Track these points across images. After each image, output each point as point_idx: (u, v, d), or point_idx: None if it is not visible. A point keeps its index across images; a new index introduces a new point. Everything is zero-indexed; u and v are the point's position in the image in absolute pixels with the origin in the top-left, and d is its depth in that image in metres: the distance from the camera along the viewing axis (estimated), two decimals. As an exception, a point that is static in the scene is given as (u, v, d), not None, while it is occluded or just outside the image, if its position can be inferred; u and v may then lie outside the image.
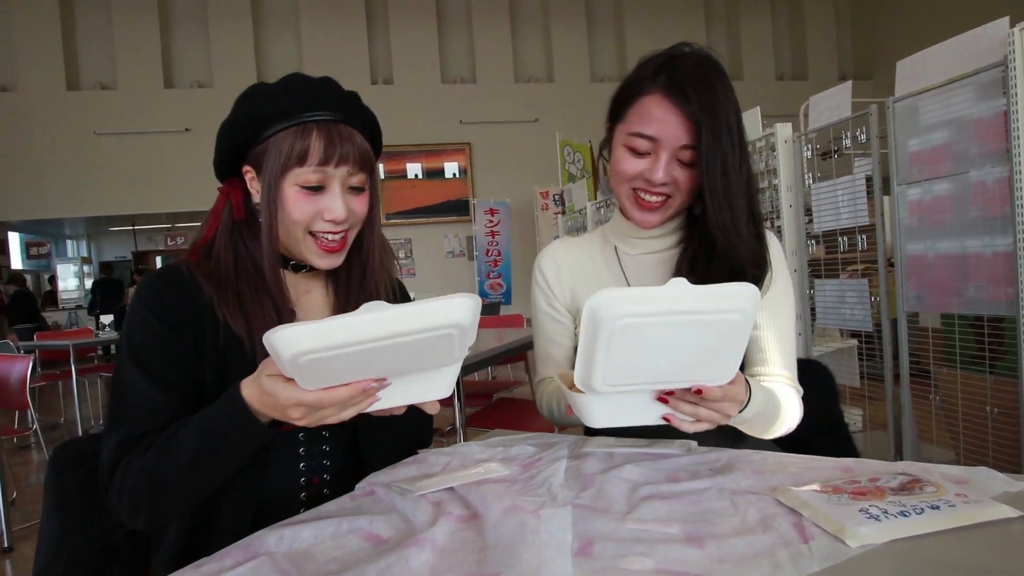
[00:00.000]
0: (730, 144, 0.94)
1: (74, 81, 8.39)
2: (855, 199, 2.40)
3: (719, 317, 0.67)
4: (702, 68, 0.95)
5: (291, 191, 0.86)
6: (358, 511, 0.73)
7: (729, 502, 0.68)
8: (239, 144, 0.89)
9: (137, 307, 0.84)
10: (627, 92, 1.01)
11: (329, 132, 0.86)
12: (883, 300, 2.37)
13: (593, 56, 9.56)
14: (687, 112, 0.93)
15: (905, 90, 2.13)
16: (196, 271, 0.88)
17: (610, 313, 0.65)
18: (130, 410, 0.79)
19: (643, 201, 1.02)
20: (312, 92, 0.88)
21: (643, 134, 0.97)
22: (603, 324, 0.66)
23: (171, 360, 0.82)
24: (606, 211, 4.71)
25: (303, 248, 0.89)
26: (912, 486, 0.66)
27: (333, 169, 0.86)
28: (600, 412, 0.77)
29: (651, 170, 0.98)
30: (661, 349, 0.69)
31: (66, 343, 4.72)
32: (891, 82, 2.21)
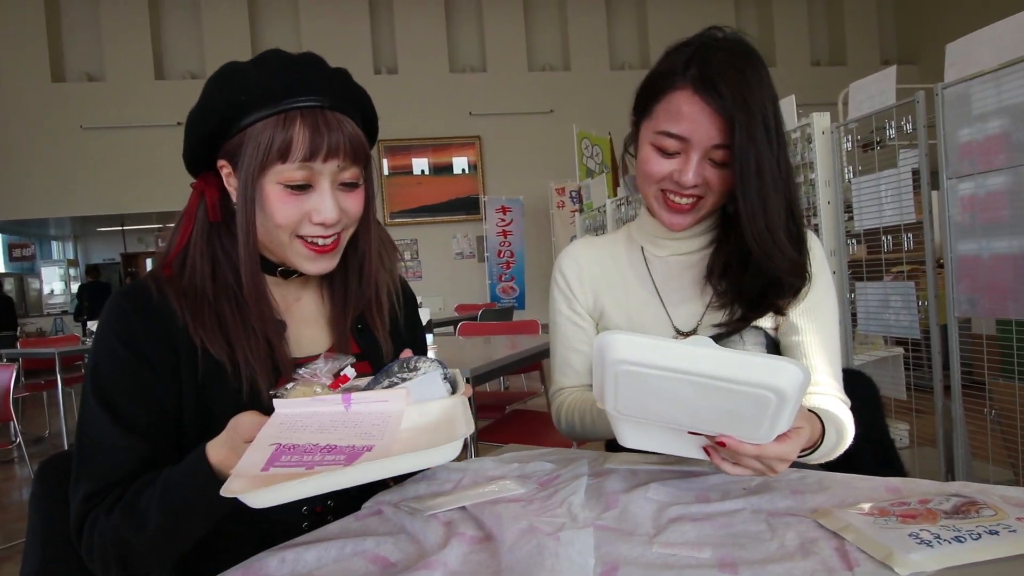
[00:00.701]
0: (766, 141, 0.93)
1: (59, 72, 8.54)
2: (900, 194, 2.37)
3: (745, 389, 0.64)
4: (735, 57, 0.94)
5: (273, 191, 0.80)
6: (364, 532, 0.73)
7: (765, 525, 0.67)
8: (211, 134, 0.83)
9: (103, 334, 0.81)
10: (654, 86, 1.00)
11: (315, 120, 0.80)
12: (932, 304, 2.34)
13: (613, 42, 9.57)
14: (719, 108, 0.92)
15: (955, 75, 2.10)
16: (167, 287, 0.84)
17: (613, 356, 0.66)
18: (94, 458, 0.77)
19: (672, 203, 1.02)
20: (294, 72, 0.82)
21: (672, 133, 0.96)
22: (607, 365, 0.67)
23: (140, 398, 0.79)
24: (627, 209, 4.70)
25: (289, 253, 0.85)
26: (967, 509, 0.65)
27: (321, 164, 0.81)
28: (630, 433, 0.77)
29: (681, 171, 0.97)
30: (675, 401, 0.68)
31: (51, 351, 4.78)
32: (938, 67, 2.19)
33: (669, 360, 0.64)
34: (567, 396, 1.15)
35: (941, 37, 2.66)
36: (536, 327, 3.81)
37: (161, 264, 0.88)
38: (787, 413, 0.65)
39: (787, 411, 0.65)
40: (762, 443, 0.69)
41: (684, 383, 0.65)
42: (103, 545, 0.74)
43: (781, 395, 0.63)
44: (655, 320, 1.10)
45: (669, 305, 1.10)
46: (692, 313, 1.08)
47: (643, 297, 1.11)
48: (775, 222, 0.95)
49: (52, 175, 8.36)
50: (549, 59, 9.53)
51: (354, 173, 0.85)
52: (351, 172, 0.85)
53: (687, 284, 1.10)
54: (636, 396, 0.70)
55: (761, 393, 0.63)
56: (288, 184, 0.81)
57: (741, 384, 0.63)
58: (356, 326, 0.96)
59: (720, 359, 0.64)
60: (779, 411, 0.65)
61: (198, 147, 0.86)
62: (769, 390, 0.63)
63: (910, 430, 2.61)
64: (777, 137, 0.95)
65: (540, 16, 9.53)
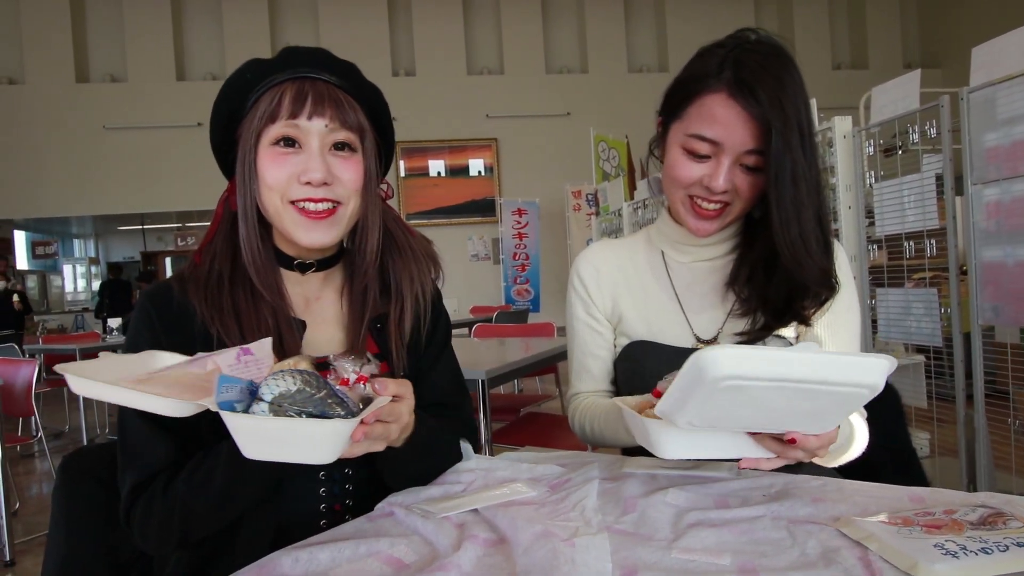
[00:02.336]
0: (800, 148, 0.91)
1: (83, 73, 8.68)
2: (924, 200, 2.34)
3: (845, 390, 0.65)
4: (770, 60, 0.92)
5: (265, 154, 0.84)
6: (377, 533, 0.73)
7: (786, 532, 0.66)
8: (226, 122, 0.88)
9: (131, 336, 0.86)
10: (686, 88, 0.98)
11: (302, 85, 0.84)
12: (955, 312, 2.31)
13: (630, 45, 9.54)
14: (755, 114, 0.90)
15: (981, 79, 2.07)
16: (190, 283, 0.87)
17: (717, 374, 0.62)
18: (135, 452, 0.81)
19: (700, 209, 1.00)
20: (296, 53, 0.87)
21: (704, 137, 0.94)
22: (707, 382, 0.63)
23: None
24: (644, 212, 4.68)
25: (286, 222, 0.85)
26: (994, 520, 0.64)
27: (307, 122, 0.83)
28: (676, 443, 0.74)
29: (711, 176, 0.95)
30: (761, 407, 0.67)
31: (72, 347, 4.86)
32: (961, 70, 2.16)
33: (776, 370, 0.63)
34: (582, 401, 1.14)
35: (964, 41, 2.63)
36: (551, 330, 3.80)
37: (193, 256, 0.91)
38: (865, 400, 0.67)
39: (867, 399, 0.67)
40: (823, 433, 0.72)
41: (779, 390, 0.64)
42: (166, 518, 0.77)
43: (874, 389, 0.65)
44: (675, 327, 1.08)
45: (689, 312, 1.08)
46: (713, 320, 1.07)
47: (663, 303, 1.10)
48: (808, 230, 0.94)
49: (74, 174, 8.49)
50: (566, 61, 9.53)
51: (347, 137, 0.86)
52: (343, 135, 0.86)
53: (708, 291, 1.08)
54: (724, 408, 0.67)
55: (854, 391, 0.65)
56: (276, 141, 0.83)
57: (836, 385, 0.64)
58: (375, 325, 0.95)
59: (818, 363, 0.64)
60: (863, 401, 0.67)
61: (219, 131, 0.90)
62: (864, 387, 0.64)
63: (930, 439, 2.57)
64: (810, 142, 0.94)
65: (558, 19, 9.53)
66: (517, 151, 9.17)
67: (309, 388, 0.63)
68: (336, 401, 0.65)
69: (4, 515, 2.82)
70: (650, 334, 1.09)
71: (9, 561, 2.82)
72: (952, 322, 2.32)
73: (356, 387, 0.70)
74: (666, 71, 9.22)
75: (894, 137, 2.50)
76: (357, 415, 0.66)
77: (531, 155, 9.09)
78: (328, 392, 0.64)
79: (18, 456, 4.77)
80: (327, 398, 0.64)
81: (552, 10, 9.50)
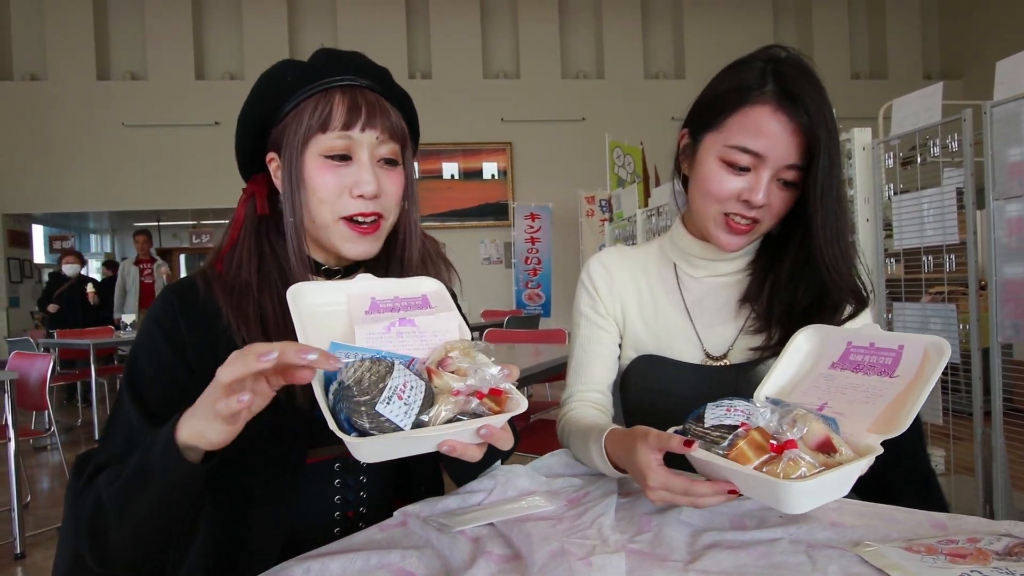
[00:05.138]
0: (839, 167, 0.91)
1: (104, 71, 8.77)
2: (944, 214, 2.31)
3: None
4: (810, 76, 0.91)
5: (314, 164, 0.83)
6: (389, 544, 0.72)
7: (805, 556, 0.65)
8: (259, 123, 0.87)
9: (147, 326, 0.83)
10: (726, 99, 0.95)
11: (353, 94, 0.83)
12: (973, 328, 2.27)
13: (647, 51, 9.51)
14: (802, 126, 0.89)
15: (1006, 93, 2.04)
16: (215, 284, 0.85)
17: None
18: (114, 440, 0.78)
19: (734, 223, 0.98)
20: (336, 58, 0.86)
21: (748, 148, 0.92)
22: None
23: (171, 394, 0.78)
24: (658, 219, 4.66)
25: (333, 235, 0.85)
26: (1020, 551, 0.62)
27: (359, 134, 0.82)
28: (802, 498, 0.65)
29: (751, 190, 0.93)
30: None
31: (86, 342, 4.89)
32: (982, 82, 2.14)
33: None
34: (570, 411, 1.09)
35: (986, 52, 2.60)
36: (562, 336, 3.79)
37: (212, 261, 0.89)
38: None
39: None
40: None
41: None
42: (85, 512, 0.72)
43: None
44: (685, 343, 1.06)
45: (700, 328, 1.06)
46: (724, 337, 1.05)
47: (673, 318, 1.08)
48: (847, 248, 0.94)
49: (93, 170, 8.58)
50: (583, 67, 9.51)
51: (393, 150, 0.86)
52: (390, 148, 0.86)
53: (720, 306, 1.06)
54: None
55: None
56: (328, 155, 0.82)
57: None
58: None
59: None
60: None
61: (248, 135, 0.89)
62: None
63: (946, 457, 2.53)
64: (840, 162, 0.94)
65: (575, 24, 9.52)
66: (531, 155, 9.16)
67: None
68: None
69: (16, 508, 2.85)
70: (658, 348, 1.07)
71: (20, 554, 2.84)
72: (971, 338, 2.28)
73: (470, 400, 0.65)
74: (683, 78, 9.19)
75: (913, 149, 2.47)
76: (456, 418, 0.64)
77: (545, 159, 9.08)
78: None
79: (31, 449, 4.81)
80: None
81: (569, 15, 9.49)
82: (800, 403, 0.74)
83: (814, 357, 0.84)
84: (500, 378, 0.66)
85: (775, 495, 0.64)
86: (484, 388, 0.65)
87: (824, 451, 0.67)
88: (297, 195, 0.84)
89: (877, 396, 0.73)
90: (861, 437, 0.69)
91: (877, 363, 0.77)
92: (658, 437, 0.72)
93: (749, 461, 0.65)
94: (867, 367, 0.77)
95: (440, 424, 0.62)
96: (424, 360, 0.69)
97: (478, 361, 0.68)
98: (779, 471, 0.63)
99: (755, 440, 0.67)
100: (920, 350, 0.75)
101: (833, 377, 0.79)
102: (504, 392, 0.66)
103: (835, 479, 0.64)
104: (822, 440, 0.67)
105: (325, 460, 0.88)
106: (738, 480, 0.67)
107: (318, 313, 0.73)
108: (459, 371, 0.67)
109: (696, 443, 0.68)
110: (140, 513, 0.69)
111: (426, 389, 0.63)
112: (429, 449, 0.64)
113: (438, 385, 0.65)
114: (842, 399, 0.75)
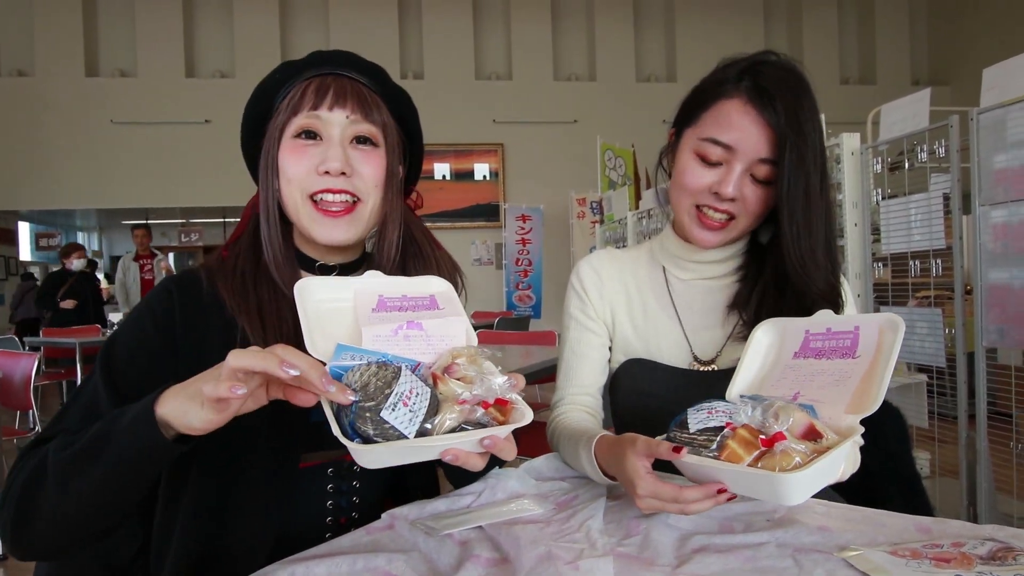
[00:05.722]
0: (814, 166, 0.91)
1: (93, 67, 8.69)
2: (931, 219, 2.33)
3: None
4: (790, 77, 0.93)
5: (286, 146, 0.83)
6: (375, 547, 0.72)
7: (792, 560, 0.65)
8: (258, 122, 0.88)
9: (139, 309, 0.83)
10: (703, 95, 0.98)
11: (326, 78, 0.84)
12: (959, 332, 2.29)
13: (639, 54, 9.54)
14: (772, 123, 0.90)
15: (992, 100, 2.07)
16: (218, 275, 0.85)
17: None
18: (71, 412, 0.75)
19: (705, 218, 0.99)
20: (326, 56, 0.88)
21: (718, 140, 0.94)
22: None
23: (144, 373, 0.76)
24: (648, 222, 4.67)
25: (304, 218, 0.84)
26: (1004, 555, 0.63)
27: (328, 113, 0.82)
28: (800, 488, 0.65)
29: (721, 182, 0.95)
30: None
31: (72, 341, 4.84)
32: (970, 88, 2.16)
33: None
34: (559, 415, 1.08)
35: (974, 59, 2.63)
36: (553, 338, 3.79)
37: (220, 250, 0.91)
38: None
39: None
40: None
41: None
42: (15, 474, 0.68)
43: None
44: (674, 346, 1.06)
45: (689, 331, 1.06)
46: (713, 341, 1.05)
47: (662, 321, 1.08)
48: (817, 246, 0.94)
49: (81, 167, 8.49)
50: (575, 69, 9.52)
51: (369, 130, 0.85)
52: (364, 127, 0.85)
53: (709, 310, 1.07)
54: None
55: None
56: (297, 134, 0.83)
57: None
58: None
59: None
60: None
61: (250, 135, 0.90)
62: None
63: (931, 459, 2.55)
64: (823, 168, 0.94)
65: (567, 26, 9.53)
66: (523, 157, 9.16)
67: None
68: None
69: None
70: (647, 352, 1.07)
71: (2, 556, 2.81)
72: (956, 342, 2.30)
73: (475, 409, 0.64)
74: (674, 81, 9.22)
75: (901, 154, 2.49)
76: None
77: (537, 161, 9.08)
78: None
79: (14, 448, 4.75)
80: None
81: (561, 17, 9.50)
82: (772, 396, 0.75)
83: (776, 349, 0.85)
84: (506, 388, 0.65)
85: (774, 489, 0.64)
86: (490, 398, 0.64)
87: (810, 438, 0.68)
88: (272, 182, 0.84)
89: (845, 378, 0.75)
90: (840, 420, 0.71)
91: (838, 347, 0.79)
92: (647, 444, 0.73)
93: (741, 459, 0.66)
94: (829, 352, 0.79)
95: (444, 433, 0.62)
96: (430, 365, 0.68)
97: (484, 369, 0.67)
98: (775, 464, 0.64)
99: (744, 437, 0.67)
100: (875, 328, 0.77)
101: (799, 367, 0.80)
102: (509, 402, 0.65)
103: (828, 463, 0.65)
104: (807, 428, 0.68)
105: (318, 465, 0.87)
106: (734, 480, 0.67)
107: (324, 310, 0.72)
108: (465, 378, 0.66)
109: (685, 449, 0.68)
110: (87, 483, 0.65)
111: (431, 396, 0.63)
112: (433, 457, 0.64)
113: (443, 392, 0.65)
114: (812, 386, 0.76)
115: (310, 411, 0.82)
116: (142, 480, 0.68)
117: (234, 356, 0.59)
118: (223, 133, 7.99)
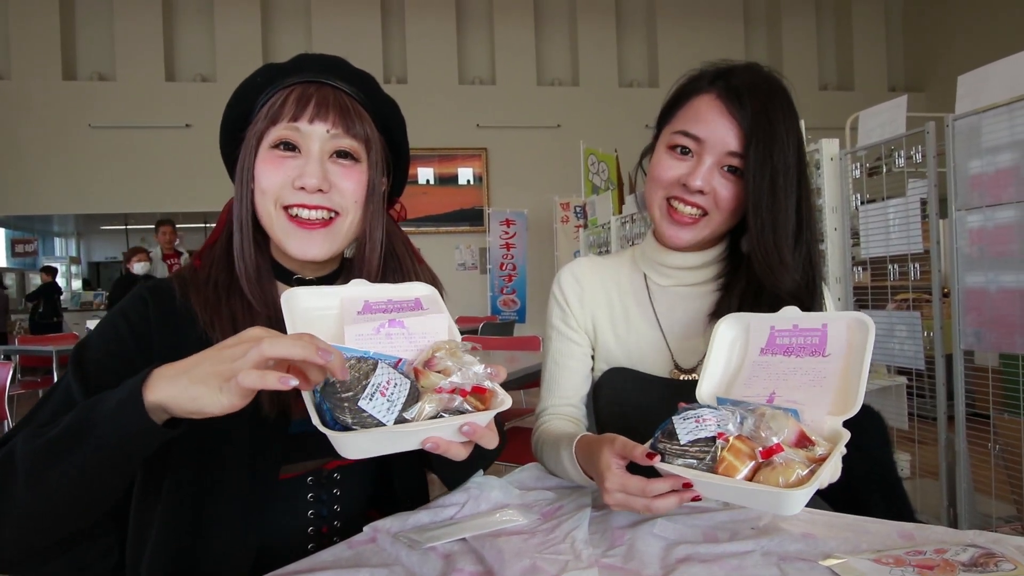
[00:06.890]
0: (783, 163, 0.93)
1: (71, 71, 8.56)
2: (908, 223, 2.36)
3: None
4: (763, 81, 0.96)
5: (263, 156, 0.81)
6: (357, 562, 0.70)
7: (777, 569, 0.65)
8: (236, 126, 0.86)
9: (114, 313, 0.81)
10: (679, 94, 1.02)
11: (308, 87, 0.81)
12: (937, 335, 2.32)
13: (622, 59, 9.60)
14: (740, 118, 0.93)
15: (967, 107, 2.10)
16: (190, 285, 0.83)
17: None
18: (40, 412, 0.72)
19: (676, 213, 1.00)
20: (311, 61, 0.85)
21: (689, 133, 0.97)
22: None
23: (120, 378, 0.68)
24: (631, 226, 4.69)
25: (277, 230, 0.81)
26: (985, 562, 0.63)
27: (307, 126, 0.80)
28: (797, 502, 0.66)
29: (690, 174, 0.96)
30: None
31: (49, 348, 4.75)
32: (946, 95, 2.19)
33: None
34: (544, 423, 1.08)
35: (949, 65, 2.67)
36: (537, 343, 3.79)
37: (193, 258, 0.88)
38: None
39: None
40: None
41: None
42: None
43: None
44: (655, 354, 1.06)
45: (671, 339, 1.06)
46: (695, 350, 1.04)
47: (643, 329, 1.08)
48: (783, 241, 0.94)
49: (59, 172, 8.35)
50: (558, 74, 9.55)
51: (350, 145, 0.83)
52: (346, 142, 0.82)
53: (690, 319, 1.06)
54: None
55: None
56: (275, 144, 0.80)
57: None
58: None
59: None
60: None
61: (228, 139, 0.87)
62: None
63: (911, 460, 2.58)
64: (796, 167, 0.95)
65: (550, 31, 9.56)
66: (506, 161, 9.16)
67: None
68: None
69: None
70: (629, 360, 1.07)
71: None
72: (935, 345, 2.33)
73: (453, 399, 0.64)
74: (656, 86, 9.28)
75: (879, 160, 2.52)
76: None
77: (520, 166, 9.09)
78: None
79: (-10, 459, 4.64)
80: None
81: (545, 22, 9.53)
82: (748, 396, 0.75)
83: (741, 344, 0.85)
84: (484, 376, 0.65)
85: (779, 503, 0.64)
86: (467, 386, 0.65)
87: (801, 445, 0.68)
88: (247, 191, 0.82)
89: (820, 378, 0.75)
90: (823, 422, 0.71)
91: (806, 344, 0.79)
92: (624, 444, 0.73)
93: (738, 471, 0.66)
94: (797, 349, 0.79)
95: (423, 421, 0.62)
96: (412, 361, 0.68)
97: (464, 361, 0.68)
98: (777, 476, 0.64)
99: (739, 449, 0.67)
100: (843, 326, 0.77)
101: (768, 364, 0.80)
102: (488, 390, 0.65)
103: (827, 474, 0.65)
104: (798, 436, 0.68)
105: (298, 476, 0.86)
106: (740, 496, 0.67)
107: (311, 318, 0.73)
108: (445, 370, 0.66)
109: (657, 456, 0.69)
110: (63, 475, 0.61)
111: (411, 388, 0.63)
112: (413, 446, 0.63)
113: (424, 385, 0.65)
114: (787, 386, 0.76)
115: (290, 422, 0.81)
116: (125, 469, 0.65)
117: (270, 344, 0.57)
118: (204, 138, 7.89)
